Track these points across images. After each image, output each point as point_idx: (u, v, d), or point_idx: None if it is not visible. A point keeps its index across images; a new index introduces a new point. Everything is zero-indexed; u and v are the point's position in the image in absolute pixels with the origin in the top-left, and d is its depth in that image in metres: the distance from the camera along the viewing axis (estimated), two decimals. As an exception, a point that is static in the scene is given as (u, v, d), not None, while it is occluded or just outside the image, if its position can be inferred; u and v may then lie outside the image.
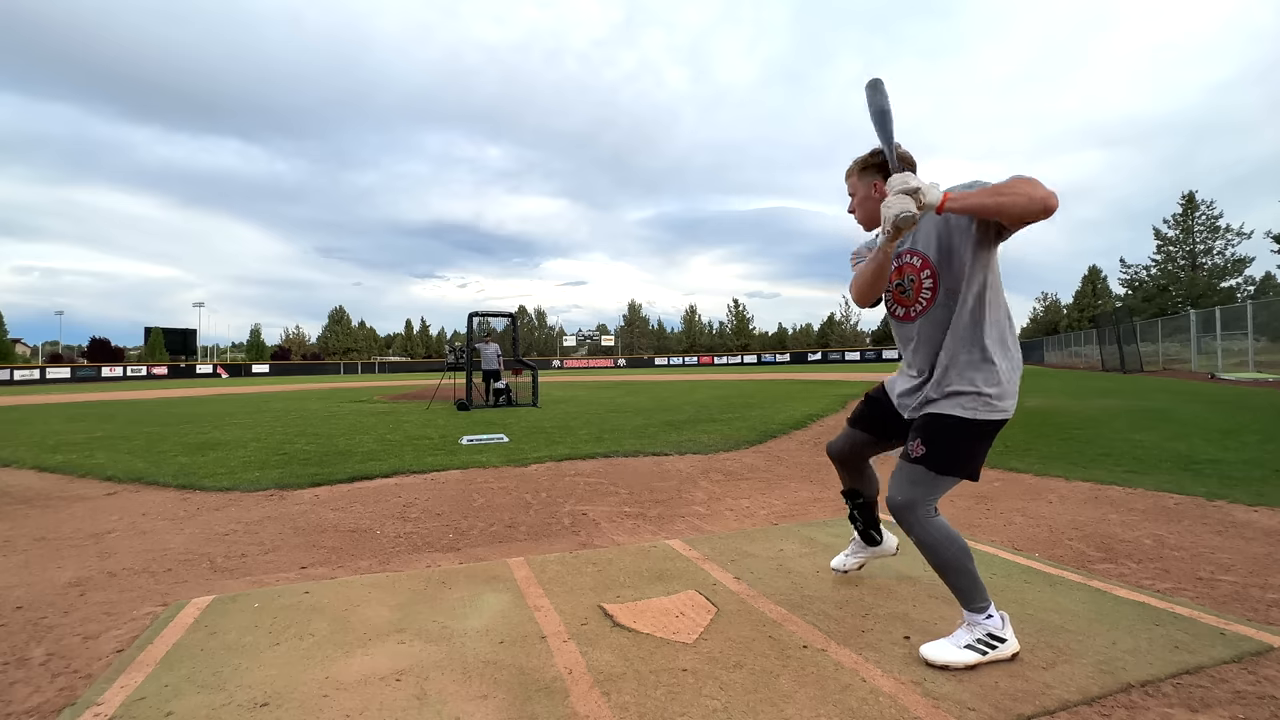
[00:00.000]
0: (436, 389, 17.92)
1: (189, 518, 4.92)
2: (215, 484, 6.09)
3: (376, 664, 2.41)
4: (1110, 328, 33.04)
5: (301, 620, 2.84)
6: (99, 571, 3.69)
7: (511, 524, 4.61)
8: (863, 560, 3.20)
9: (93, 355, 77.79)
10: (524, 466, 6.82)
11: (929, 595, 2.98)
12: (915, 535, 2.42)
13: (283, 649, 2.55)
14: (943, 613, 2.75)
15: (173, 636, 2.69)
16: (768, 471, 6.52)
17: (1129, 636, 2.49)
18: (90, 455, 8.11)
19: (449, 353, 16.77)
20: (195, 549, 4.11)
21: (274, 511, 5.05)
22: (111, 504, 5.48)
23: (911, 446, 2.43)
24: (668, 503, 5.19)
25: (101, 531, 4.58)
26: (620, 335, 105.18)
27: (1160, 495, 4.92)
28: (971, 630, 2.34)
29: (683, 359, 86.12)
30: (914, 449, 2.42)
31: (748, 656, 2.41)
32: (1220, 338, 23.30)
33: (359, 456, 7.57)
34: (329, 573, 3.61)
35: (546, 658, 2.43)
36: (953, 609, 2.70)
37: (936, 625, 2.62)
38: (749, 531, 4.24)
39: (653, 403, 15.72)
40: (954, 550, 2.39)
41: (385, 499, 5.41)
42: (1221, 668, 2.25)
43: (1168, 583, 3.15)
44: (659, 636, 2.60)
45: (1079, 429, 8.83)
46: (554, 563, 3.60)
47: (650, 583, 3.23)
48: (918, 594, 3.01)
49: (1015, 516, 4.49)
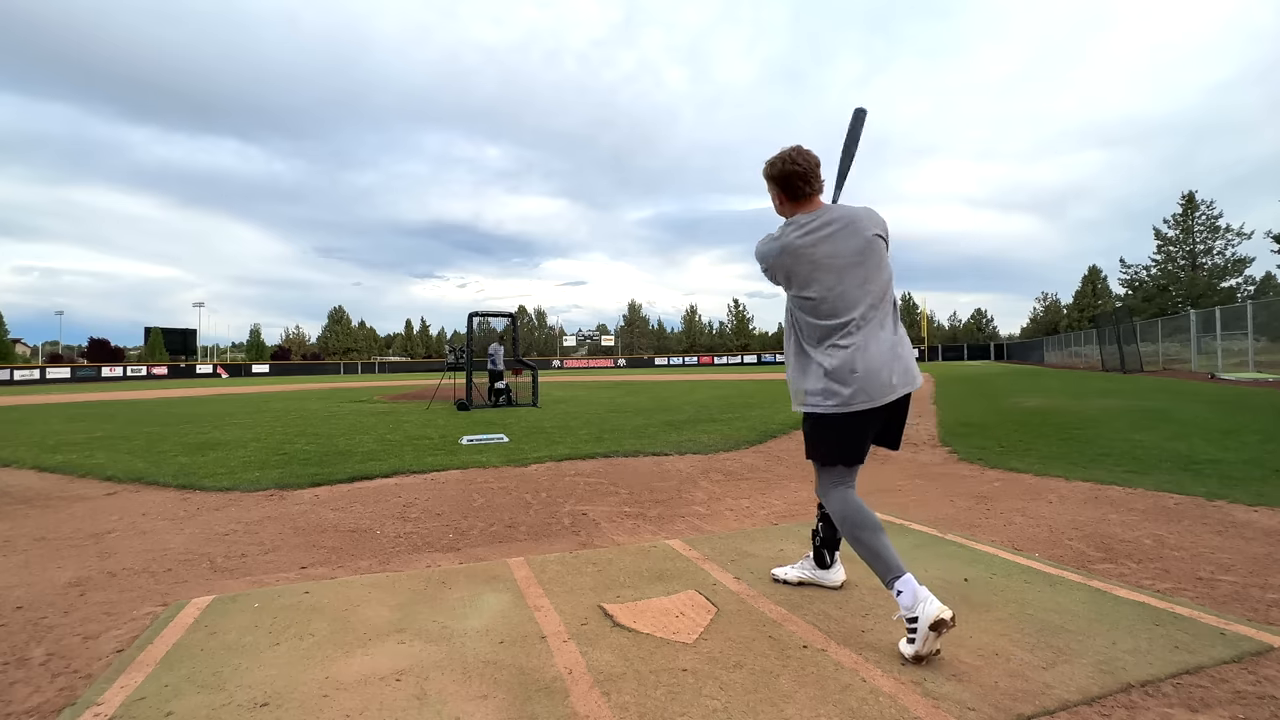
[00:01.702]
0: (436, 389, 17.92)
1: (189, 518, 4.92)
2: (215, 484, 6.09)
3: (376, 664, 2.41)
4: (1110, 328, 33.04)
5: (301, 620, 2.84)
6: (99, 571, 3.69)
7: (511, 524, 4.60)
8: (804, 579, 3.14)
9: (92, 355, 77.79)
10: (524, 466, 6.82)
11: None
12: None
13: (283, 649, 2.55)
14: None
15: (173, 636, 2.69)
16: (768, 471, 6.52)
17: (1129, 636, 2.49)
18: (90, 455, 8.11)
19: (449, 353, 16.76)
20: (195, 549, 4.11)
21: (274, 511, 5.04)
22: (111, 504, 5.47)
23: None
24: (668, 503, 5.19)
25: (101, 531, 4.58)
26: (620, 335, 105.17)
27: (1160, 495, 4.92)
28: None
29: (683, 359, 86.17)
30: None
31: (748, 656, 2.41)
32: (1220, 338, 23.28)
33: (359, 456, 7.56)
34: (329, 573, 3.61)
35: (546, 658, 2.43)
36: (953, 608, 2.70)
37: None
38: (749, 531, 4.24)
39: (653, 403, 15.73)
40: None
41: (385, 499, 5.41)
42: (1221, 668, 2.25)
43: (1168, 583, 3.15)
44: (659, 636, 2.60)
45: (1079, 429, 8.83)
46: (554, 563, 3.60)
47: (650, 583, 3.23)
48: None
49: (1015, 516, 4.49)
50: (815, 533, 3.14)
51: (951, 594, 2.88)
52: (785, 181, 2.73)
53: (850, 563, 3.27)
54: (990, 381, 23.49)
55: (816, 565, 3.13)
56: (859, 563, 3.36)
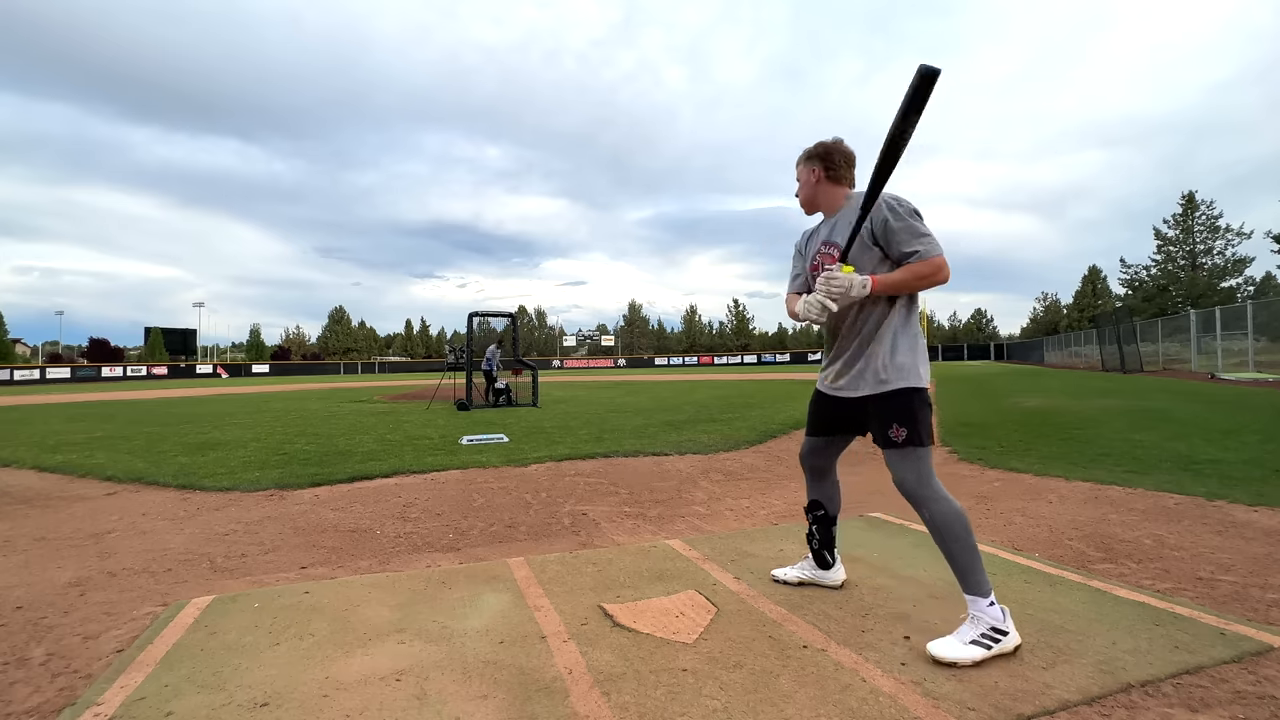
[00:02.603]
0: (436, 389, 17.92)
1: (189, 518, 4.92)
2: (215, 484, 6.09)
3: (377, 664, 2.41)
4: (1110, 328, 33.05)
5: (301, 620, 2.84)
6: (99, 571, 3.69)
7: (511, 524, 4.61)
8: (805, 579, 3.14)
9: (92, 355, 77.82)
10: (524, 466, 6.82)
11: (929, 595, 2.98)
12: (929, 511, 2.52)
13: (283, 649, 2.55)
14: (943, 613, 2.74)
15: (173, 636, 2.69)
16: (768, 471, 6.52)
17: (1129, 636, 2.49)
18: (90, 455, 8.11)
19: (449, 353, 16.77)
20: (195, 549, 4.11)
21: (274, 511, 5.04)
22: (111, 504, 5.47)
23: (893, 433, 2.57)
24: (668, 503, 5.19)
25: (101, 531, 4.58)
26: (620, 335, 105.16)
27: (1160, 495, 4.92)
28: (975, 625, 2.38)
29: (683, 359, 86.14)
30: (895, 434, 2.57)
31: (748, 656, 2.41)
32: (1220, 338, 23.30)
33: (359, 456, 7.56)
34: (329, 573, 3.61)
35: (546, 658, 2.43)
36: (954, 608, 2.70)
37: (937, 625, 2.62)
38: (749, 531, 4.24)
39: (653, 403, 15.73)
40: (961, 525, 2.49)
41: (385, 499, 5.41)
42: (1221, 668, 2.25)
43: (1168, 583, 3.15)
44: (659, 636, 2.60)
45: (1079, 429, 8.83)
46: (554, 563, 3.60)
47: (650, 583, 3.23)
48: (918, 594, 3.01)
49: (1015, 516, 4.49)
50: (810, 536, 3.13)
51: (951, 594, 2.88)
52: (829, 158, 2.81)
53: (850, 563, 3.27)
54: (990, 381, 23.50)
55: (817, 565, 3.13)
56: (859, 562, 3.37)
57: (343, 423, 11.90)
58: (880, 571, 3.31)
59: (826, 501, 3.07)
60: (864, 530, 4.09)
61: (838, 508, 3.11)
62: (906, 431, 2.54)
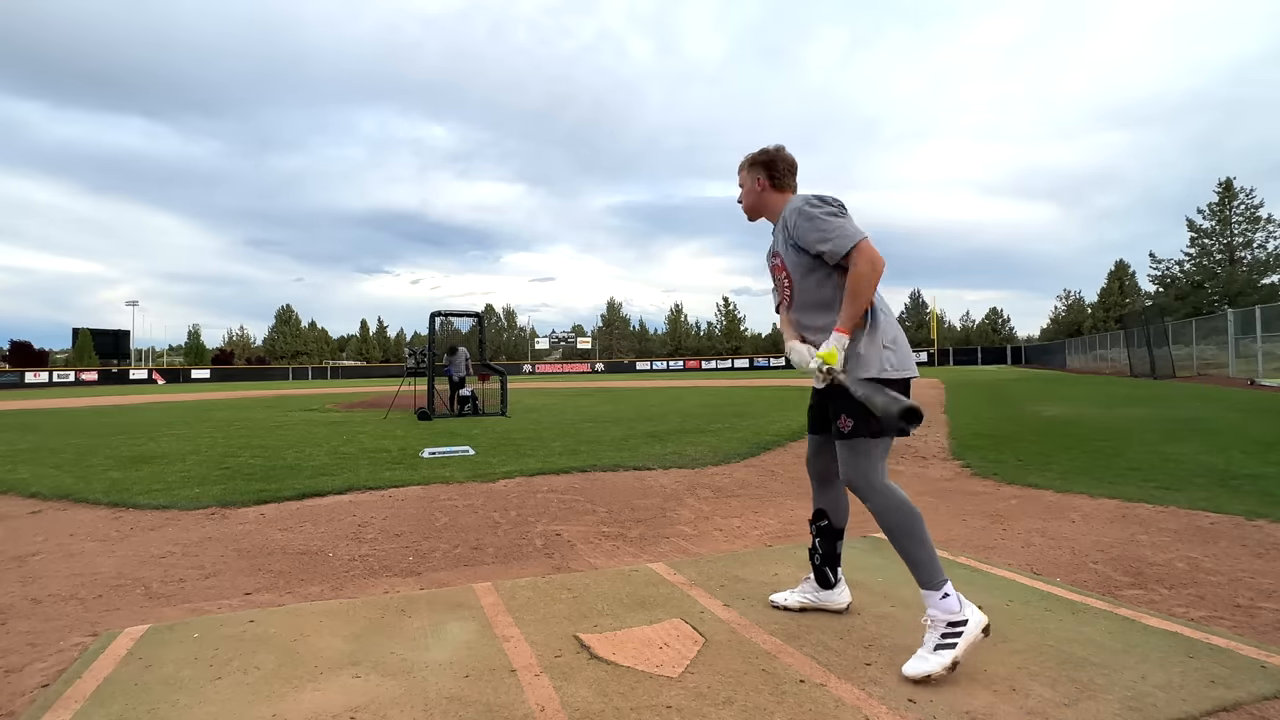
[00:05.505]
0: (395, 396, 17.86)
1: (121, 539, 4.88)
2: (150, 501, 6.04)
3: (328, 700, 2.40)
4: (1139, 329, 33.30)
5: (246, 652, 2.82)
6: (21, 598, 3.66)
7: (478, 545, 4.60)
8: (807, 603, 3.16)
9: (14, 359, 76.90)
10: (492, 482, 6.81)
11: (938, 623, 3.00)
12: (872, 505, 2.74)
13: (225, 683, 2.54)
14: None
15: (104, 669, 2.67)
16: (761, 487, 6.54)
17: (1160, 670, 2.50)
18: (12, 470, 8.04)
19: (408, 356, 16.69)
20: (128, 573, 4.08)
21: (215, 532, 5.01)
22: (36, 523, 5.43)
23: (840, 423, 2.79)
24: (650, 522, 5.20)
25: (25, 554, 4.54)
26: (598, 337, 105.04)
27: (1194, 514, 4.96)
28: (934, 629, 2.53)
29: (667, 363, 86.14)
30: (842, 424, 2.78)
31: (739, 692, 2.42)
32: (1261, 340, 23.45)
33: (309, 471, 7.53)
34: (276, 599, 3.59)
35: (516, 693, 2.43)
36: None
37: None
38: (740, 554, 4.25)
39: (634, 411, 15.73)
40: (905, 516, 2.69)
41: (338, 518, 5.39)
42: (1262, 704, 2.25)
43: (1203, 610, 3.18)
44: (641, 670, 2.60)
45: (1104, 440, 8.91)
46: (525, 588, 3.59)
47: (631, 610, 3.23)
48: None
49: (1034, 537, 4.53)
50: (813, 551, 3.15)
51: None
52: (773, 167, 3.09)
53: (852, 588, 3.28)
54: (1006, 388, 23.67)
55: (820, 586, 3.15)
56: (861, 588, 3.39)
57: (291, 433, 11.83)
58: (885, 598, 3.32)
59: (831, 511, 3.10)
60: (867, 552, 4.10)
61: (844, 519, 3.14)
62: (854, 422, 2.72)
